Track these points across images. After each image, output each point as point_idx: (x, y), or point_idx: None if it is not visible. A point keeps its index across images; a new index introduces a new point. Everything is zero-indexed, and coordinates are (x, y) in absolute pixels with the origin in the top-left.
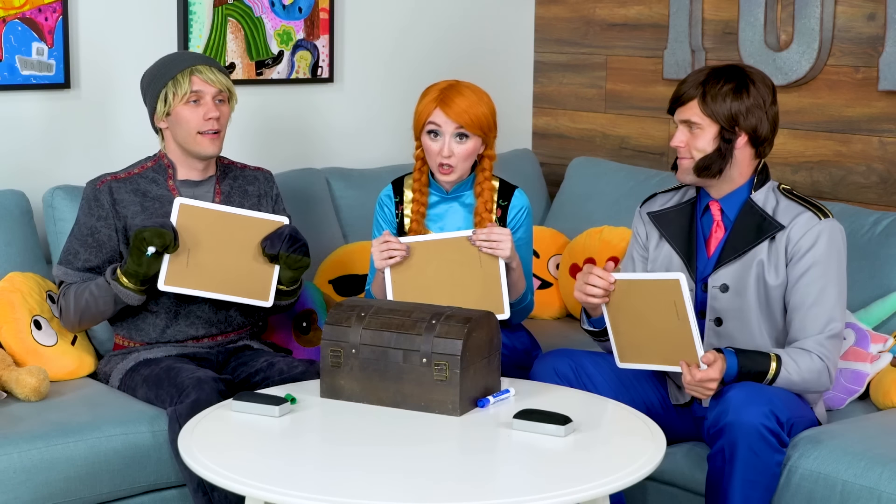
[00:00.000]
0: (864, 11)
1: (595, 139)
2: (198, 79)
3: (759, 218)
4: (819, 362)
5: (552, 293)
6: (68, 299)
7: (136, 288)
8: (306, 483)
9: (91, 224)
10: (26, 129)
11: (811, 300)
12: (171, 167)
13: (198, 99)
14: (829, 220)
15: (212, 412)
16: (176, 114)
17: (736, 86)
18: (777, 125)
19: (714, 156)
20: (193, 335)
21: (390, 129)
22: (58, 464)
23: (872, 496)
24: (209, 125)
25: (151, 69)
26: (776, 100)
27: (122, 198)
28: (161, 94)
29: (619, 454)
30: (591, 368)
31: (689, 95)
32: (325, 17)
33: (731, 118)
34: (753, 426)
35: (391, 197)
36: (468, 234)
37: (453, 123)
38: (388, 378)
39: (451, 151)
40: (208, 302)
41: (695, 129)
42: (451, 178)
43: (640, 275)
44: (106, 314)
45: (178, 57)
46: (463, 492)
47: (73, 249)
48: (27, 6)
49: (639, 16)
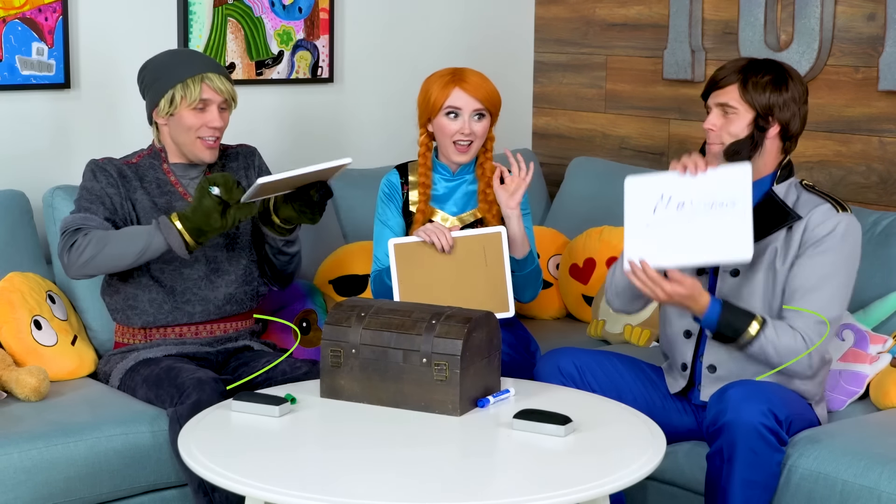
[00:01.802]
0: (864, 11)
1: (595, 139)
2: (208, 87)
3: (778, 209)
4: (801, 343)
5: (552, 293)
6: (90, 238)
7: (186, 234)
8: (306, 483)
9: (100, 188)
10: (26, 129)
11: (811, 284)
12: (164, 151)
13: (204, 106)
14: (848, 214)
15: (212, 412)
16: (179, 116)
17: (775, 78)
18: (805, 125)
19: (745, 141)
20: (191, 314)
21: (390, 129)
22: (58, 464)
23: (872, 496)
24: (210, 133)
25: (156, 65)
26: (807, 100)
27: (126, 174)
28: (168, 94)
29: (619, 454)
30: (595, 367)
31: (729, 80)
32: (325, 17)
33: (768, 108)
34: (752, 425)
35: (398, 179)
36: (500, 230)
37: (474, 102)
38: (388, 378)
39: (471, 129)
40: (205, 278)
41: (730, 114)
42: (467, 156)
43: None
44: (125, 258)
45: (187, 58)
46: (463, 492)
47: (85, 202)
48: (27, 6)
49: (639, 16)
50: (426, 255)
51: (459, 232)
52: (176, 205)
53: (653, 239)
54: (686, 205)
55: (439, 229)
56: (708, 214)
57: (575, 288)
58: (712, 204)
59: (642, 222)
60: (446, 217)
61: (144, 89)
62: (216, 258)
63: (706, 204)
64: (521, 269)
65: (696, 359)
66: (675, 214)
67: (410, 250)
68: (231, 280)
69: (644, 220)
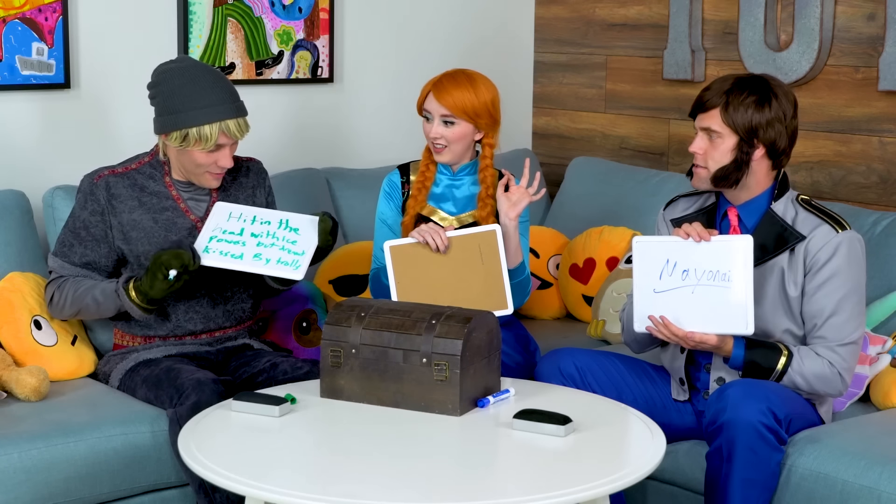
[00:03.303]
0: (864, 11)
1: (595, 139)
2: (224, 134)
3: (780, 228)
4: (828, 368)
5: (552, 293)
6: (64, 293)
7: (143, 304)
8: (306, 483)
9: (85, 218)
10: (26, 129)
11: (829, 311)
12: (167, 164)
13: (217, 149)
14: (848, 231)
15: (212, 412)
16: (191, 152)
17: (759, 98)
18: (796, 138)
19: (730, 167)
20: (191, 330)
21: (390, 129)
22: (58, 464)
23: (872, 496)
24: (219, 171)
25: (173, 91)
26: (797, 113)
27: (119, 192)
28: (182, 131)
29: (619, 454)
30: (595, 367)
31: (713, 103)
32: (325, 17)
33: (751, 130)
34: (751, 424)
35: (398, 179)
36: (495, 227)
37: (440, 108)
38: (388, 378)
39: (438, 133)
40: (206, 296)
41: (715, 138)
42: (444, 157)
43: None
44: (106, 316)
45: (206, 95)
46: (463, 492)
47: (67, 242)
48: (27, 6)
49: (639, 16)
50: (422, 255)
51: (454, 231)
52: (178, 221)
53: (660, 305)
54: (690, 273)
55: (434, 230)
56: (710, 285)
57: (575, 288)
58: (714, 274)
59: (650, 287)
60: (445, 217)
61: (155, 105)
62: (218, 275)
63: (709, 273)
64: (510, 278)
65: (695, 368)
66: (680, 282)
67: (406, 252)
68: (229, 297)
69: (651, 285)
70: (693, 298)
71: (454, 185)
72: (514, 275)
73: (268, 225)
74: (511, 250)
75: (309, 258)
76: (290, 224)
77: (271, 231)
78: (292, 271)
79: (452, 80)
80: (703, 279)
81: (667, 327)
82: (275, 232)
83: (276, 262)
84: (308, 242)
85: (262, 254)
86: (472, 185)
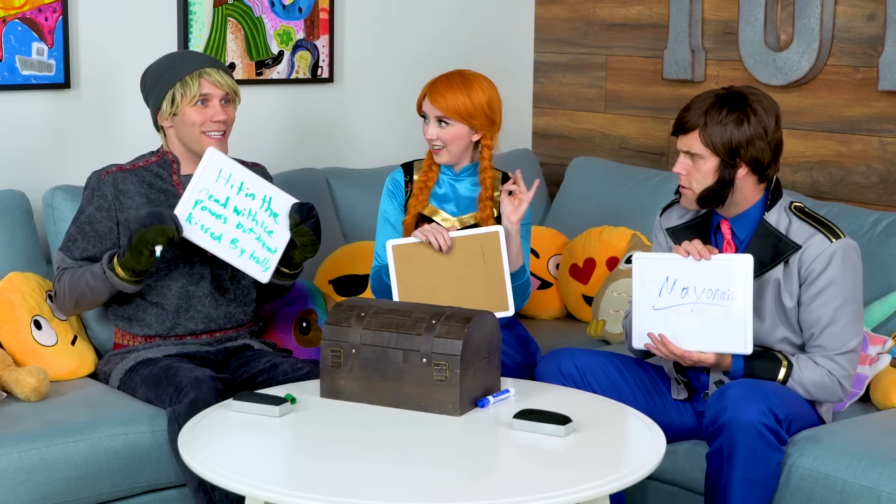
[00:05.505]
0: (864, 11)
1: (595, 139)
2: (206, 81)
3: (774, 239)
4: (826, 378)
5: (552, 293)
6: (63, 285)
7: (131, 279)
8: (306, 483)
9: (91, 213)
10: (26, 129)
11: (826, 320)
12: (176, 162)
13: (205, 101)
14: (842, 240)
15: (212, 412)
16: (183, 114)
17: (737, 116)
18: (780, 150)
19: (715, 187)
20: (192, 330)
21: (390, 129)
22: (58, 464)
23: (872, 496)
24: (216, 127)
25: (155, 68)
26: (780, 124)
27: (126, 188)
28: (168, 95)
29: (619, 454)
30: (595, 367)
31: (693, 124)
32: (325, 17)
33: (731, 150)
34: (751, 424)
35: (402, 177)
36: (498, 229)
37: (434, 110)
38: (388, 378)
39: (433, 134)
40: (209, 297)
41: (696, 159)
42: (443, 158)
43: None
44: (102, 300)
45: (183, 58)
46: (463, 492)
47: (72, 237)
48: (27, 6)
49: (639, 16)
50: (424, 255)
51: (457, 232)
52: None
53: (659, 323)
54: (689, 291)
55: (437, 230)
56: (709, 304)
57: (575, 288)
58: (714, 293)
59: (649, 304)
60: (447, 217)
61: (147, 95)
62: (220, 276)
63: (708, 292)
64: (511, 281)
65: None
66: (679, 300)
67: (409, 251)
68: (231, 299)
69: (651, 303)
70: (692, 316)
71: (456, 186)
72: (515, 278)
73: (251, 200)
74: (511, 254)
75: (278, 258)
76: (271, 205)
77: (253, 210)
78: (260, 272)
79: (447, 81)
80: (702, 297)
81: (665, 345)
82: (255, 213)
83: (249, 256)
84: (281, 237)
85: (239, 241)
86: (473, 187)
